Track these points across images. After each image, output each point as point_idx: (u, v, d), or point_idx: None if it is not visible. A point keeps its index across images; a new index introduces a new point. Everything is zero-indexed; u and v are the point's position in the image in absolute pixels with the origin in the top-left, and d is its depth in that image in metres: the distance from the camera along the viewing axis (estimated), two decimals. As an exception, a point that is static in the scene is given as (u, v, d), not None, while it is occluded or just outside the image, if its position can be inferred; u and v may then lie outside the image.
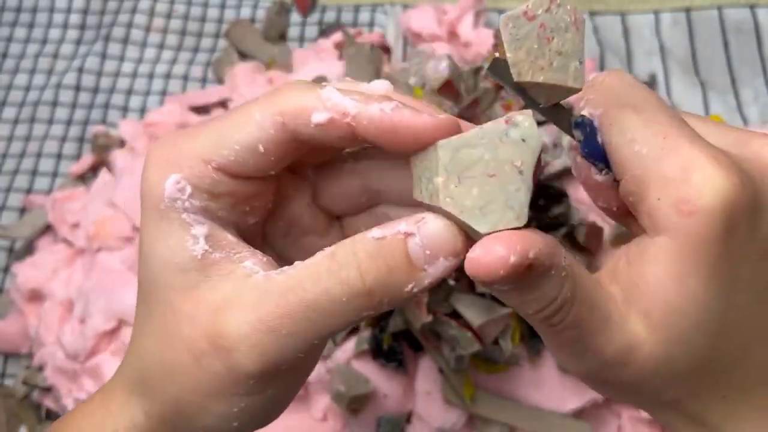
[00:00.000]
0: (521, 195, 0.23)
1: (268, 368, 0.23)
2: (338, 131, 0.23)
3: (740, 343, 0.24)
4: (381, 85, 0.25)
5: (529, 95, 0.24)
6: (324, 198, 0.28)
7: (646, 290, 0.23)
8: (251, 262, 0.24)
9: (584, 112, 0.25)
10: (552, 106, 0.25)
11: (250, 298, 0.23)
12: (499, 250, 0.21)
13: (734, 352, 0.24)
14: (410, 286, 0.23)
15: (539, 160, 0.23)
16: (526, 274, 0.21)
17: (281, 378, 0.25)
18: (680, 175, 0.22)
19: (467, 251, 0.22)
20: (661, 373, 0.24)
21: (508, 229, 0.22)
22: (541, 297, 0.22)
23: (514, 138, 0.23)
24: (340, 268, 0.22)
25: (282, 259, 0.28)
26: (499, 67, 0.24)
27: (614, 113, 0.24)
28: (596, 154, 0.24)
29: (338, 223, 0.29)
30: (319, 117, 0.23)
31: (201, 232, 0.24)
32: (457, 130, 0.23)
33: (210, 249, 0.24)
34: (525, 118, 0.23)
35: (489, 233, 0.22)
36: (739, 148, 0.24)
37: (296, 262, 0.23)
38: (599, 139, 0.24)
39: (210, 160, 0.24)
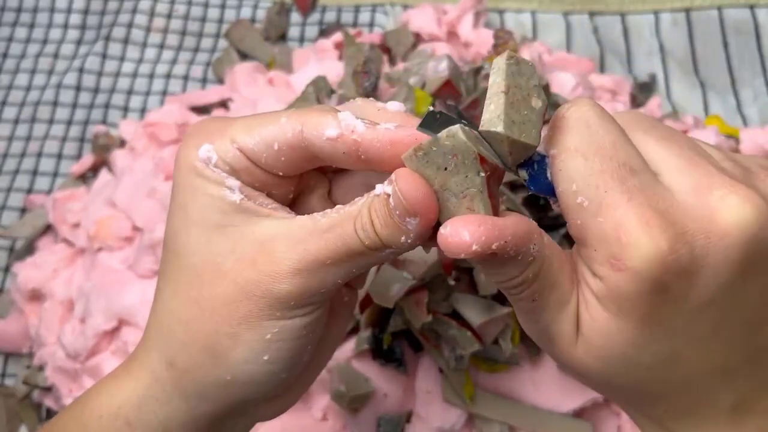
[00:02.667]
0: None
1: (309, 292, 0.26)
2: (344, 146, 0.27)
3: (682, 375, 0.25)
4: (395, 106, 0.28)
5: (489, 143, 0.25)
6: (337, 190, 0.31)
7: (583, 312, 0.25)
8: (284, 211, 0.28)
9: (540, 149, 0.25)
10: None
11: (299, 233, 0.26)
12: (464, 236, 0.23)
13: (676, 382, 0.25)
14: (403, 238, 0.25)
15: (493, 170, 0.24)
16: (489, 259, 0.23)
17: (312, 308, 0.27)
18: (613, 234, 0.23)
19: (433, 214, 0.25)
20: (601, 381, 0.26)
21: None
22: (503, 273, 0.24)
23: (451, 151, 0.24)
24: (361, 216, 0.26)
25: None
26: (433, 120, 0.25)
27: (564, 159, 0.24)
28: (545, 190, 0.25)
29: None
30: (331, 132, 0.27)
31: (235, 184, 0.27)
32: None
33: (246, 198, 0.27)
34: (447, 136, 0.24)
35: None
36: (697, 195, 0.23)
37: (337, 206, 0.27)
38: (549, 176, 0.25)
39: (235, 140, 0.27)
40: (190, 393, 0.27)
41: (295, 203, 0.31)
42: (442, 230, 0.23)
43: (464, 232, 0.23)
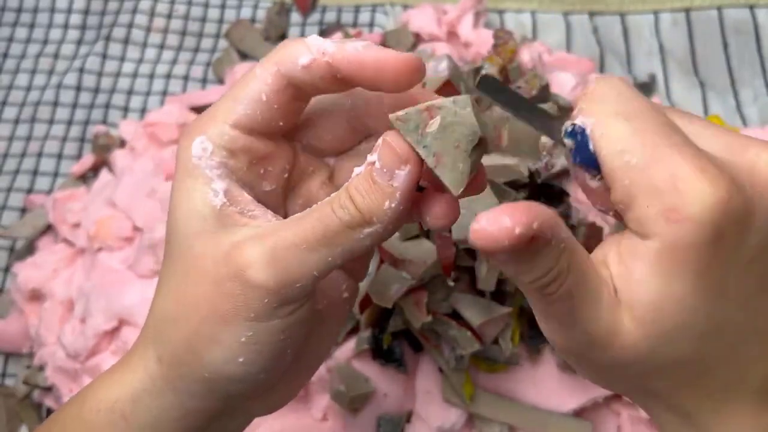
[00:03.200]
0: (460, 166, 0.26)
1: (284, 283, 0.26)
2: (320, 70, 0.27)
3: (728, 343, 0.25)
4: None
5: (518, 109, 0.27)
6: (339, 172, 0.32)
7: (633, 286, 0.24)
8: (263, 219, 0.28)
9: (577, 121, 0.25)
10: (542, 116, 0.27)
11: (273, 227, 0.27)
12: (505, 221, 0.22)
13: (722, 352, 0.25)
14: (387, 203, 0.26)
15: (480, 143, 0.26)
16: (528, 245, 0.22)
17: (289, 309, 0.27)
18: (668, 185, 0.23)
19: (418, 159, 0.26)
20: (645, 365, 0.25)
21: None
22: (539, 266, 0.23)
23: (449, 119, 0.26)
24: (339, 197, 0.26)
25: None
26: (488, 83, 0.25)
27: (605, 123, 0.24)
28: (589, 162, 0.25)
29: None
30: (304, 59, 0.27)
31: (221, 186, 0.28)
32: (419, 68, 0.27)
33: (228, 203, 0.28)
34: (453, 104, 0.26)
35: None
36: (732, 155, 0.24)
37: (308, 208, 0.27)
38: (591, 148, 0.25)
39: (227, 119, 0.28)
40: (178, 389, 0.28)
41: (295, 191, 0.31)
42: (475, 225, 0.22)
43: (503, 218, 0.22)
